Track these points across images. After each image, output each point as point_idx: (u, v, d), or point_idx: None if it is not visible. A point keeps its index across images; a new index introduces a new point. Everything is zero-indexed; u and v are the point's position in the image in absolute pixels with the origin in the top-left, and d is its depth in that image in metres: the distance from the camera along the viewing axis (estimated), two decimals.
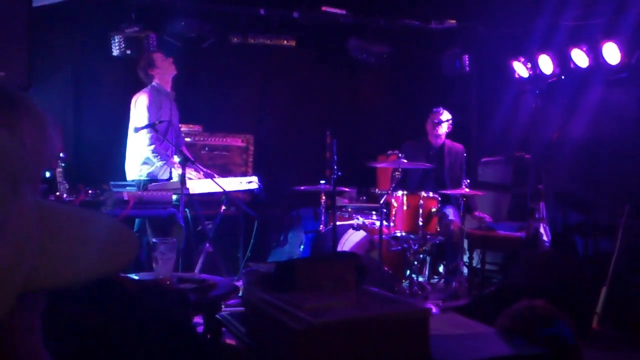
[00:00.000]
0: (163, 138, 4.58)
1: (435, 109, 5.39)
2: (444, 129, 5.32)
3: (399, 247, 4.82)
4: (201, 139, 5.84)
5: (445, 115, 5.33)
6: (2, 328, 0.57)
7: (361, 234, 4.90)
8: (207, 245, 4.58)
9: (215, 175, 4.67)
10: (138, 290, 1.51)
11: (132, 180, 4.63)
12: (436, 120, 5.29)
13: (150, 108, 4.64)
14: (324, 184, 5.04)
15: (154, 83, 4.83)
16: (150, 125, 4.46)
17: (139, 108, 4.68)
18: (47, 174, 3.26)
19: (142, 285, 1.59)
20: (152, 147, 4.61)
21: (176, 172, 4.66)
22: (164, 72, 4.80)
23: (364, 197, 5.98)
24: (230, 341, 2.69)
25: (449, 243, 5.00)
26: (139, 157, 4.68)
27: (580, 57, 5.29)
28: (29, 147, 0.71)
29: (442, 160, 5.36)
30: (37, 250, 0.54)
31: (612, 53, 5.03)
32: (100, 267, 0.59)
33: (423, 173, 5.33)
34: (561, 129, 5.59)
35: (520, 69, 5.91)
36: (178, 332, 1.48)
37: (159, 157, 4.63)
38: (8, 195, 0.51)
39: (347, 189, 5.56)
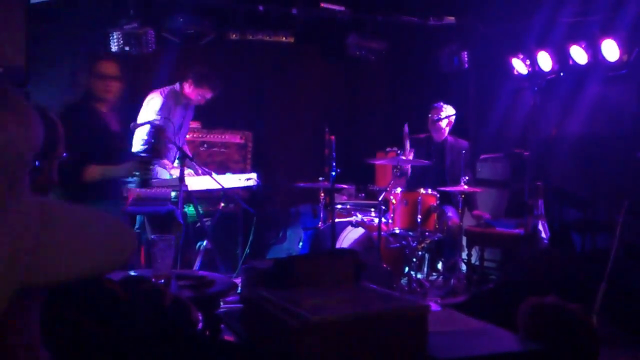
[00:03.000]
0: (170, 141, 4.56)
1: (435, 104, 5.36)
2: (444, 124, 5.30)
3: (398, 244, 4.83)
4: (200, 135, 5.84)
5: (446, 111, 5.30)
6: (1, 324, 0.57)
7: (360, 231, 4.90)
8: (206, 242, 4.58)
9: (213, 173, 4.67)
10: (131, 297, 1.50)
11: (132, 177, 4.63)
12: (435, 117, 5.28)
13: (160, 112, 4.62)
14: (322, 180, 5.04)
15: (177, 85, 4.80)
16: (149, 123, 4.45)
17: (150, 108, 4.66)
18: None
19: (135, 292, 1.58)
20: (145, 147, 4.61)
21: (174, 172, 4.66)
22: (192, 96, 4.78)
23: (363, 194, 5.99)
24: (229, 338, 2.69)
25: (448, 240, 5.00)
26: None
27: (579, 54, 5.29)
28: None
29: (443, 156, 5.35)
30: (35, 246, 0.54)
31: (610, 50, 5.02)
32: (98, 264, 0.58)
33: (423, 169, 5.33)
34: (559, 125, 5.59)
35: (519, 65, 5.90)
36: (174, 335, 1.48)
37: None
38: (5, 192, 0.51)
39: (345, 186, 5.55)
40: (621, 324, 3.72)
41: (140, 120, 4.68)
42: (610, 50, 5.02)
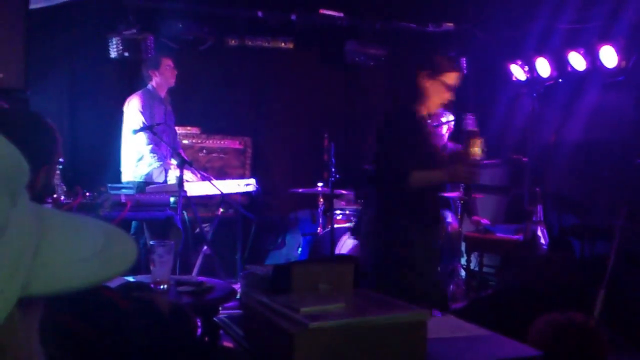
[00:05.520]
0: (160, 140, 4.59)
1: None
2: (444, 130, 5.31)
3: None
4: (199, 141, 5.84)
5: (445, 117, 5.31)
6: (1, 333, 0.57)
7: None
8: (205, 247, 4.58)
9: (212, 178, 4.67)
10: (131, 307, 1.50)
11: (128, 182, 4.64)
12: (435, 123, 5.28)
13: (142, 111, 4.66)
14: (321, 186, 5.04)
15: (149, 86, 4.85)
16: (148, 127, 4.47)
17: (131, 111, 4.70)
18: None
19: (136, 302, 1.58)
20: (150, 146, 4.63)
21: (172, 174, 4.66)
22: (164, 79, 4.82)
23: (362, 200, 5.98)
24: (227, 344, 2.69)
25: (447, 245, 5.00)
26: (135, 159, 4.69)
27: (577, 60, 5.30)
28: None
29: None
30: (35, 256, 0.54)
31: (609, 56, 5.04)
32: (99, 273, 0.58)
33: None
34: (558, 131, 5.60)
35: (518, 71, 5.91)
36: (173, 342, 1.48)
37: (156, 157, 4.64)
38: (6, 202, 0.51)
39: (344, 192, 5.55)
40: (620, 330, 3.72)
41: (128, 123, 4.70)
42: (609, 56, 5.04)
